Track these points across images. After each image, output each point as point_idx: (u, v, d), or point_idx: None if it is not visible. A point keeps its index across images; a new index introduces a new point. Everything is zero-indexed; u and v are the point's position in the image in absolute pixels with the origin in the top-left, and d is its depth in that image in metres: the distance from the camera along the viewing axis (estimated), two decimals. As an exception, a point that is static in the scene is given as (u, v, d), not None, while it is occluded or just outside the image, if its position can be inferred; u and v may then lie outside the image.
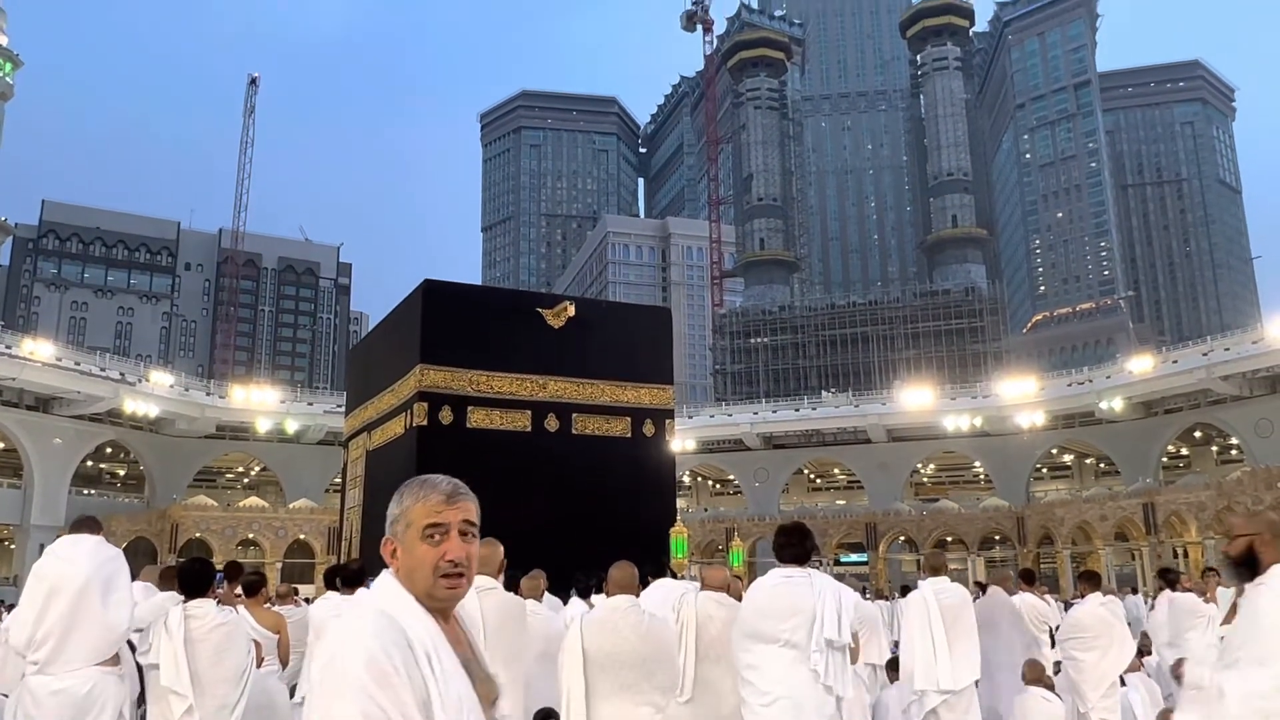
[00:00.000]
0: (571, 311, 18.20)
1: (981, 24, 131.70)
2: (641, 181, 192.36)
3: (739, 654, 5.61)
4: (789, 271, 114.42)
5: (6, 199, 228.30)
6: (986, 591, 10.78)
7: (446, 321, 17.64)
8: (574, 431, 17.95)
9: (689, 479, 67.37)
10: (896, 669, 8.77)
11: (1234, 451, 55.82)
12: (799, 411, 65.63)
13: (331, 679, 2.04)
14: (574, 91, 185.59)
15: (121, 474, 62.11)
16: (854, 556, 58.29)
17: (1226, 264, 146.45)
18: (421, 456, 16.46)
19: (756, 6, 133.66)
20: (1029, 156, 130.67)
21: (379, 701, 1.99)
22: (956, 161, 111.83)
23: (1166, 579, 10.62)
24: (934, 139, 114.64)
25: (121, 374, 55.09)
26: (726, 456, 65.65)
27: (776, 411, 66.20)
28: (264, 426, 59.44)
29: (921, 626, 7.47)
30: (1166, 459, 58.61)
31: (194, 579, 6.28)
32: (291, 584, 13.12)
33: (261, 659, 6.98)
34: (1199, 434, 57.62)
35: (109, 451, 58.13)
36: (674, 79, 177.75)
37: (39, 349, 51.13)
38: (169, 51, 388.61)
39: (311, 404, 63.19)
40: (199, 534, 51.14)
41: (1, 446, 51.85)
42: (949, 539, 55.55)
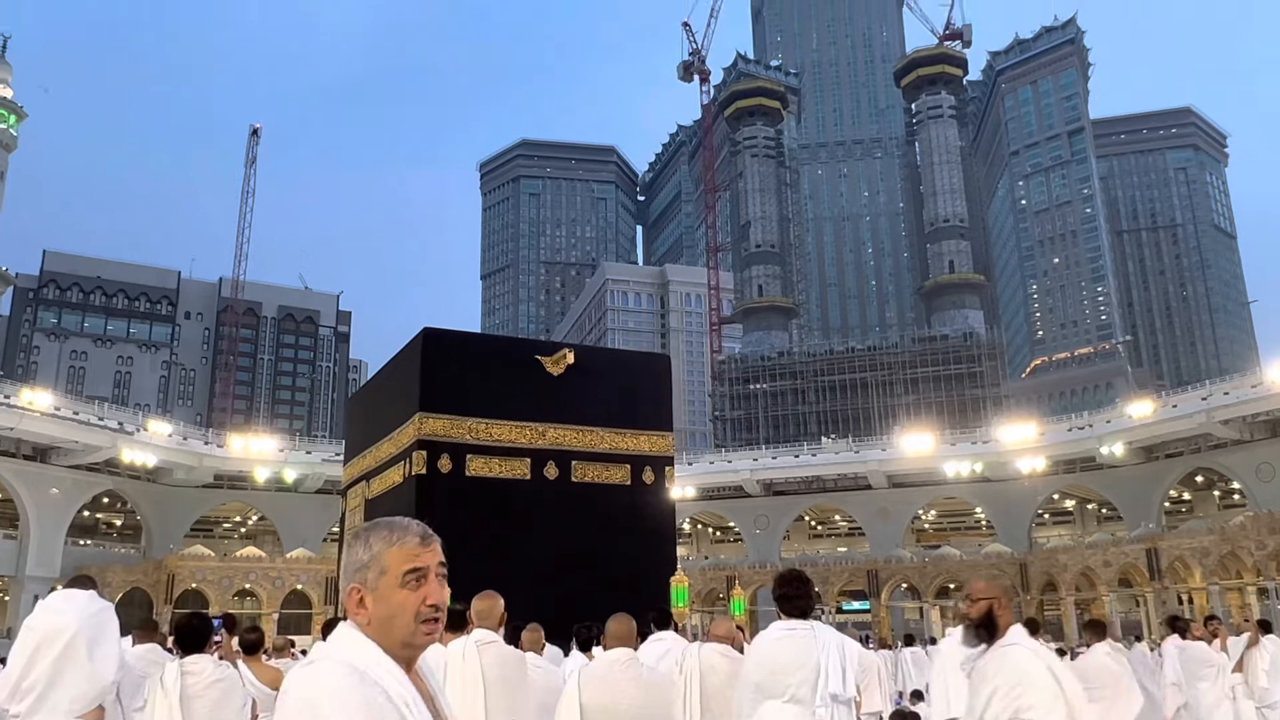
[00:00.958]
0: (570, 359, 18.17)
1: (975, 73, 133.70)
2: (640, 229, 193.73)
3: (743, 709, 5.52)
4: (787, 318, 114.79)
5: (8, 249, 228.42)
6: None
7: (446, 369, 17.59)
8: (573, 479, 17.83)
9: (689, 526, 66.95)
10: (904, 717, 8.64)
11: (1236, 496, 55.56)
12: (799, 458, 65.43)
13: None
14: (573, 140, 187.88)
15: (118, 524, 61.68)
16: (856, 604, 57.73)
17: (1223, 308, 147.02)
18: (420, 505, 16.30)
19: (753, 57, 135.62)
20: (1024, 203, 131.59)
21: None
22: (952, 208, 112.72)
23: (1176, 626, 10.51)
24: (930, 186, 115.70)
25: (120, 423, 54.98)
26: (727, 503, 65.27)
27: (776, 458, 65.93)
28: (262, 475, 59.15)
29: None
30: (1168, 504, 58.30)
31: (191, 634, 6.22)
32: (288, 636, 12.94)
33: (257, 716, 6.88)
34: (1200, 479, 57.39)
35: (106, 501, 57.75)
36: (671, 128, 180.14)
37: (38, 399, 51.03)
38: (170, 102, 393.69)
39: (310, 452, 62.96)
40: (195, 584, 50.73)
41: (-2, 497, 51.62)
42: (951, 585, 55.06)
